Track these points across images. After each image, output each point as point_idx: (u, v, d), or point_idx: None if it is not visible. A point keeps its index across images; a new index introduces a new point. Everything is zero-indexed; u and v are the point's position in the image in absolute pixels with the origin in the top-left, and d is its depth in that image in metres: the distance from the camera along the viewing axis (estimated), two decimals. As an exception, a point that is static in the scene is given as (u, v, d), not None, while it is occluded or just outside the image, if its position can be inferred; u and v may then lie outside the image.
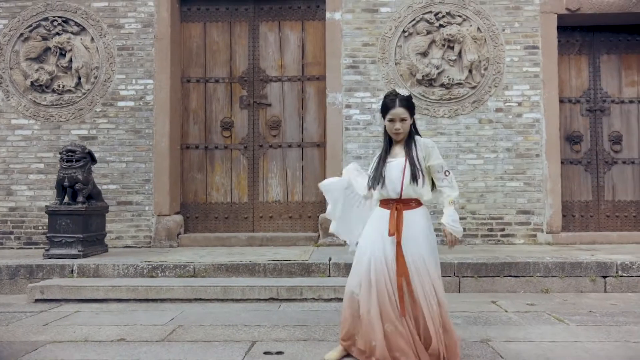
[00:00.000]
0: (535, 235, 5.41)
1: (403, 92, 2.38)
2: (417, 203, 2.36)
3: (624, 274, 4.06)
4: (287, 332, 2.90)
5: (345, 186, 2.55)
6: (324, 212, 5.37)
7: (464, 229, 5.41)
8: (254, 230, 5.80)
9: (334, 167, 5.46)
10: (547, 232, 5.40)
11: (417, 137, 2.42)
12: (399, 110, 2.32)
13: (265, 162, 5.88)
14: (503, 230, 5.43)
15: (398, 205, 2.31)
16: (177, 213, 5.70)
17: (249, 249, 5.21)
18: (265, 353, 2.51)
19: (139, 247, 5.44)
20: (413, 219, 2.30)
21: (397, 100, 2.33)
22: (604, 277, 4.07)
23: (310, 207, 5.81)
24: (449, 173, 2.37)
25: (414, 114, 2.39)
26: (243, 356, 2.47)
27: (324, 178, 5.53)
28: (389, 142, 2.43)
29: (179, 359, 2.43)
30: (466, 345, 2.62)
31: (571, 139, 5.77)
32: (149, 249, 5.37)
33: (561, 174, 5.60)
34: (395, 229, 2.25)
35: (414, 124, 2.42)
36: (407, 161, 2.31)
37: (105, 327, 3.04)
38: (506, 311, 3.40)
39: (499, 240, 5.41)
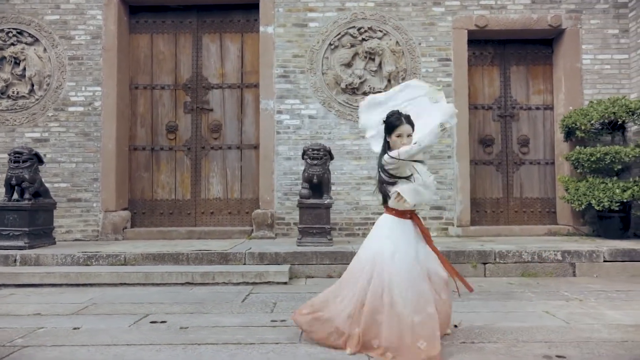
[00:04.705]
0: (447, 229, 6.01)
1: (404, 112, 2.55)
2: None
3: (501, 261, 4.66)
4: (182, 307, 3.45)
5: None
6: (259, 209, 5.99)
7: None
8: (197, 225, 6.33)
9: (267, 167, 6.04)
10: (457, 226, 5.99)
11: None
12: (406, 127, 2.49)
13: (207, 162, 6.41)
14: (418, 224, 5.99)
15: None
16: (125, 209, 6.21)
17: (186, 241, 5.74)
18: (151, 322, 3.06)
19: (87, 240, 5.94)
20: None
21: (402, 118, 2.50)
22: (484, 263, 4.67)
23: (247, 204, 6.35)
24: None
25: (413, 130, 2.56)
26: (131, 324, 3.02)
27: (259, 177, 6.13)
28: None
29: (75, 325, 2.97)
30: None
31: (484, 141, 6.38)
32: (96, 241, 5.87)
33: (474, 174, 6.22)
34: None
35: None
36: None
37: (29, 305, 3.56)
38: (383, 292, 3.97)
39: (414, 234, 5.97)
